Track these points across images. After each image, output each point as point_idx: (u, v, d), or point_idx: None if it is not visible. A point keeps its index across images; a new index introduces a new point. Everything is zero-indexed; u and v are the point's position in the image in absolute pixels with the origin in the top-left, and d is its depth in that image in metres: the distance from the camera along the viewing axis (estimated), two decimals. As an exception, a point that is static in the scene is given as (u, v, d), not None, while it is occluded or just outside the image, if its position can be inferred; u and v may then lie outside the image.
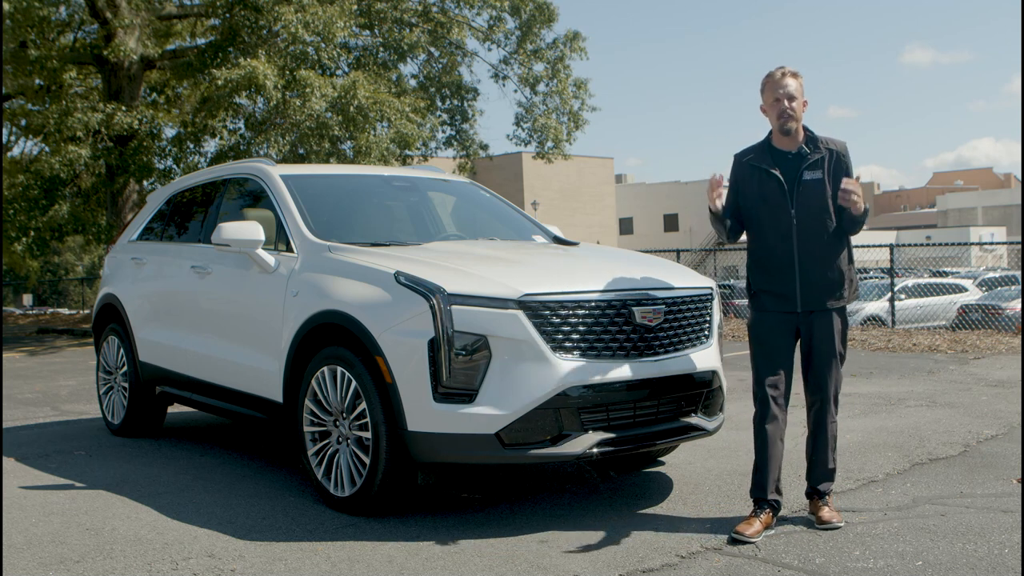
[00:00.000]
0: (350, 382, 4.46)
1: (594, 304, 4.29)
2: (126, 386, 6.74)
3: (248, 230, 5.17)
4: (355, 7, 16.60)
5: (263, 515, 4.56)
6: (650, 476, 5.25)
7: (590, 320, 4.27)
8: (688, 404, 4.60)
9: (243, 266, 5.41)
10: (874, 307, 16.99)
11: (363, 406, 4.38)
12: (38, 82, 18.88)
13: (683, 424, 4.57)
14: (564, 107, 20.05)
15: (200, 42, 19.51)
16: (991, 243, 26.90)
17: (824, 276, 4.20)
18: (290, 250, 5.16)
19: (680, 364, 4.50)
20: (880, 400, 7.73)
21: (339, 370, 4.53)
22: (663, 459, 5.58)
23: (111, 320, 7.07)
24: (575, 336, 4.23)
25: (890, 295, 15.58)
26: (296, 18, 15.10)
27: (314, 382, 4.67)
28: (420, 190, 6.22)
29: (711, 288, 4.91)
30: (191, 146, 17.64)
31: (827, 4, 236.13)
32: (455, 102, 20.53)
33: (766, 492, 4.17)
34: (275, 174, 5.68)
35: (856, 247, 4.46)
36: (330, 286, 4.71)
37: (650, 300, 4.43)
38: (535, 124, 19.89)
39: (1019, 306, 15.46)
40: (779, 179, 4.21)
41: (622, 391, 4.30)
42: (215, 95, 15.70)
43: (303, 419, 4.75)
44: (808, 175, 4.20)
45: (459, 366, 4.12)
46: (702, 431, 4.65)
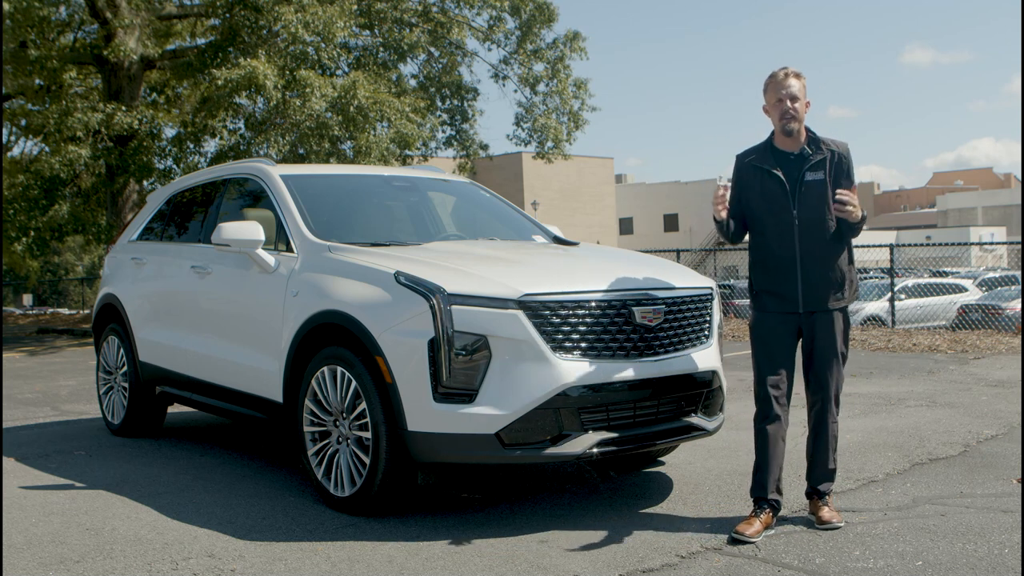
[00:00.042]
0: (350, 382, 4.46)
1: (594, 304, 4.30)
2: (126, 386, 6.74)
3: (248, 230, 5.17)
4: (355, 7, 16.60)
5: (263, 515, 4.56)
6: (650, 476, 5.25)
7: (590, 320, 4.27)
8: (688, 404, 4.60)
9: (243, 266, 5.41)
10: (874, 307, 17.00)
11: (363, 406, 4.39)
12: (38, 82, 18.88)
13: (683, 424, 4.57)
14: (564, 107, 20.05)
15: (200, 42, 19.51)
16: (991, 243, 26.91)
17: (826, 276, 4.20)
18: (290, 250, 5.16)
19: (680, 364, 4.50)
20: (880, 400, 7.73)
21: (339, 370, 4.53)
22: (663, 459, 5.58)
23: (111, 320, 7.07)
24: (575, 336, 4.24)
25: (890, 295, 15.58)
26: (296, 18, 15.10)
27: (314, 382, 4.67)
28: (420, 190, 6.22)
29: (711, 288, 4.91)
30: (191, 146, 17.65)
31: (827, 4, 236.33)
32: (455, 102, 20.54)
33: (766, 491, 4.17)
34: (275, 174, 5.68)
35: (856, 247, 4.46)
36: (330, 286, 4.71)
37: (650, 300, 4.43)
38: (535, 124, 19.90)
39: (1019, 306, 15.46)
40: (781, 180, 4.21)
41: (622, 391, 4.30)
42: (215, 95, 15.70)
43: (303, 419, 4.75)
44: (810, 176, 4.19)
45: (459, 366, 4.12)
46: (702, 431, 4.65)
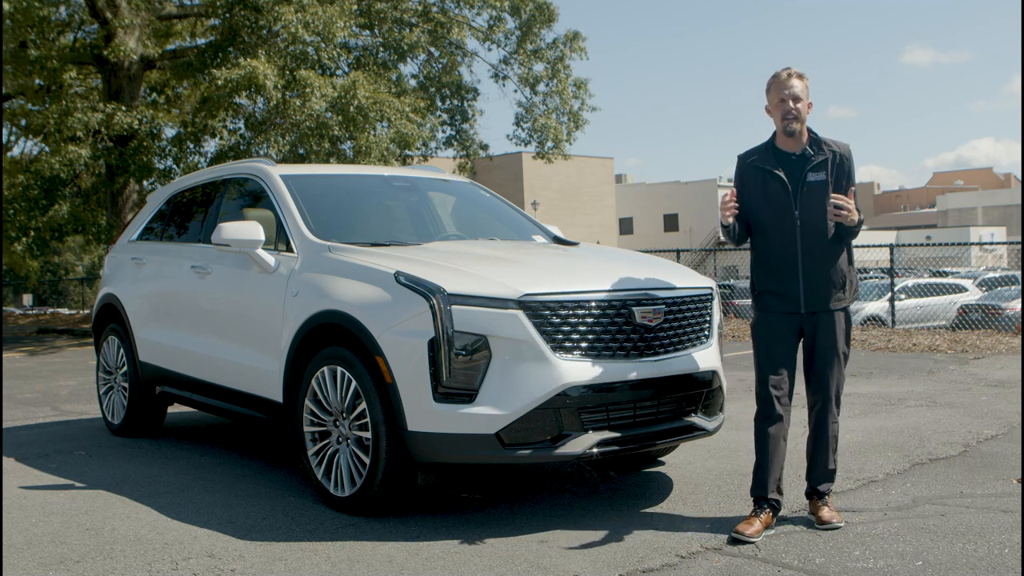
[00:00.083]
0: (350, 382, 4.46)
1: (594, 304, 4.30)
2: (126, 386, 6.74)
3: (248, 230, 5.17)
4: (355, 7, 16.60)
5: (263, 515, 4.56)
6: (650, 476, 5.25)
7: (590, 320, 4.27)
8: (688, 404, 4.60)
9: (243, 266, 5.41)
10: (874, 307, 17.00)
11: (363, 406, 4.38)
12: (38, 82, 18.88)
13: (683, 424, 4.57)
14: (564, 107, 20.05)
15: (200, 42, 19.51)
16: (991, 243, 26.92)
17: (827, 276, 4.21)
18: (290, 250, 5.16)
19: (680, 364, 4.50)
20: (880, 400, 7.73)
21: (339, 370, 4.53)
22: (663, 459, 5.58)
23: (111, 320, 7.07)
24: (575, 336, 4.23)
25: (890, 295, 15.58)
26: (296, 18, 15.10)
27: (314, 382, 4.67)
28: (420, 190, 6.22)
29: (711, 288, 4.91)
30: (191, 146, 17.65)
31: (827, 4, 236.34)
32: (455, 102, 20.54)
33: (767, 491, 4.17)
34: (275, 174, 5.68)
35: (856, 247, 4.47)
36: (330, 286, 4.71)
37: (650, 300, 4.43)
38: (535, 124, 19.90)
39: (1019, 306, 15.46)
40: (783, 180, 4.21)
41: (622, 391, 4.30)
42: (215, 95, 15.70)
43: (303, 419, 4.75)
44: (812, 176, 4.20)
45: (459, 366, 4.12)
46: (702, 431, 4.65)
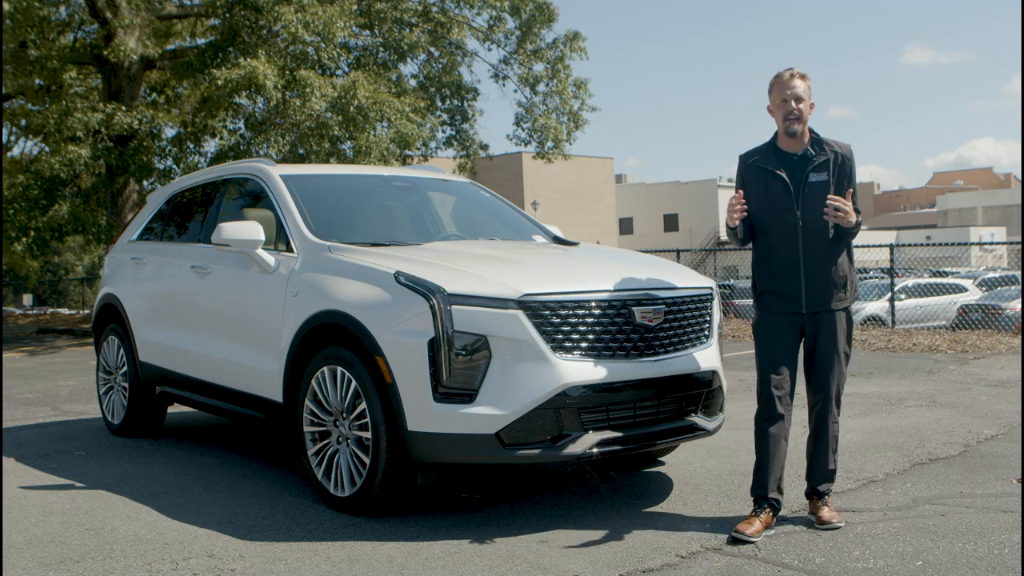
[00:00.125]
0: (350, 382, 4.46)
1: (594, 304, 4.30)
2: (126, 386, 6.74)
3: (248, 230, 5.17)
4: (355, 7, 16.60)
5: (263, 515, 4.56)
6: (650, 476, 5.25)
7: (590, 320, 4.27)
8: (688, 404, 4.60)
9: (243, 266, 5.41)
10: (874, 307, 16.99)
11: (363, 406, 4.38)
12: (38, 82, 18.88)
13: (683, 424, 4.57)
14: (564, 107, 20.05)
15: (200, 42, 19.51)
16: (991, 243, 26.90)
17: (828, 277, 4.21)
18: (290, 250, 5.16)
19: (680, 364, 4.50)
20: (880, 400, 7.72)
21: (339, 370, 4.53)
22: (663, 459, 5.58)
23: (111, 320, 7.07)
24: (575, 336, 4.24)
25: (890, 295, 15.58)
26: (296, 18, 15.10)
27: (314, 382, 4.67)
28: (420, 190, 6.22)
29: (711, 288, 4.91)
30: (191, 146, 17.65)
31: (827, 4, 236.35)
32: (455, 102, 20.54)
33: (767, 490, 4.17)
34: (275, 174, 5.68)
35: (856, 247, 4.47)
36: (330, 286, 4.71)
37: (650, 300, 4.43)
38: (535, 124, 19.89)
39: (1019, 306, 15.46)
40: (785, 180, 4.21)
41: (622, 391, 4.30)
42: (215, 95, 15.70)
43: (303, 419, 4.75)
44: (814, 177, 4.20)
45: (459, 366, 4.12)
46: (702, 431, 4.65)
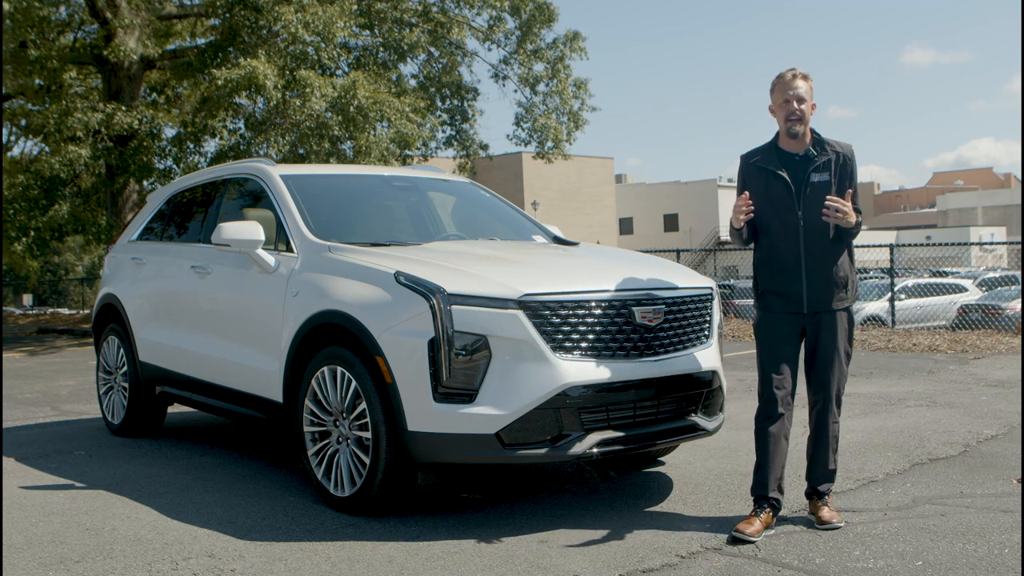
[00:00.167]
0: (350, 382, 4.46)
1: (594, 304, 4.30)
2: (126, 386, 6.74)
3: (248, 230, 5.17)
4: (355, 7, 16.60)
5: (263, 515, 4.56)
6: (650, 476, 5.25)
7: (590, 320, 4.27)
8: (688, 404, 4.60)
9: (243, 266, 5.41)
10: (874, 307, 16.99)
11: (363, 406, 4.38)
12: (38, 82, 18.88)
13: (683, 424, 4.57)
14: (564, 107, 20.05)
15: (200, 42, 19.51)
16: (991, 243, 26.90)
17: (830, 277, 4.21)
18: (290, 250, 5.16)
19: (680, 364, 4.50)
20: (880, 400, 7.72)
21: (339, 370, 4.53)
22: (663, 459, 5.58)
23: (111, 320, 7.07)
24: (575, 336, 4.23)
25: (890, 295, 15.58)
26: (296, 18, 15.10)
27: (314, 382, 4.67)
28: (420, 190, 6.22)
29: (711, 288, 4.91)
30: (191, 146, 17.65)
31: (827, 4, 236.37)
32: (455, 102, 20.53)
33: (767, 490, 4.16)
34: (275, 174, 5.68)
35: (856, 247, 4.47)
36: (330, 286, 4.71)
37: (650, 300, 4.43)
38: (535, 124, 19.89)
39: (1019, 306, 15.46)
40: (786, 181, 4.22)
41: (622, 391, 4.30)
42: (215, 95, 15.70)
43: (303, 419, 4.75)
44: (815, 177, 4.20)
45: (459, 366, 4.12)
46: (702, 431, 4.65)
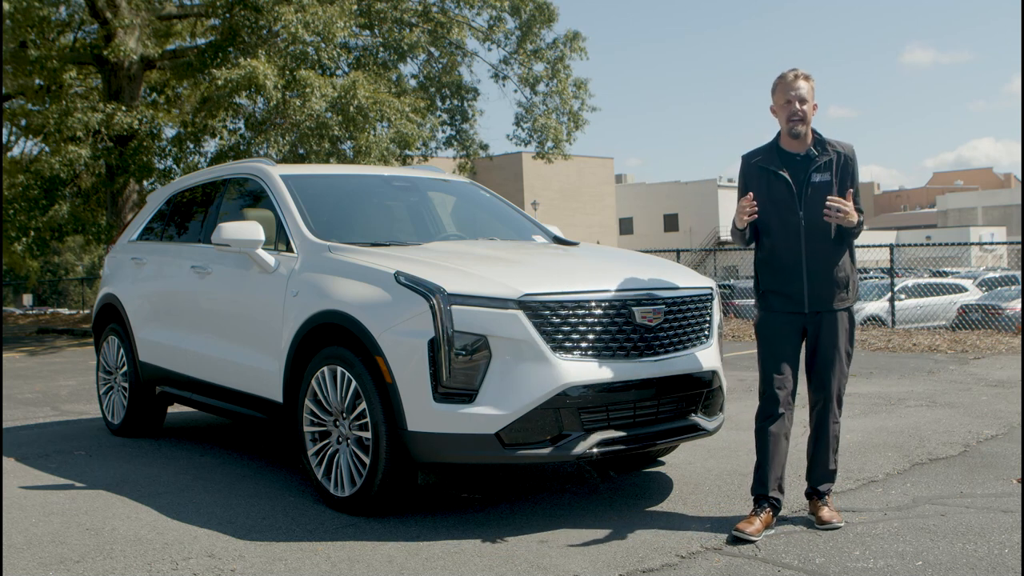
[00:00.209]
0: (350, 382, 4.46)
1: (594, 304, 4.30)
2: (126, 386, 6.74)
3: (248, 230, 5.17)
4: (355, 7, 16.60)
5: (263, 515, 4.56)
6: (650, 476, 5.25)
7: (590, 320, 4.27)
8: (688, 404, 4.60)
9: (243, 266, 5.41)
10: (874, 307, 16.99)
11: (363, 406, 4.38)
12: (38, 82, 18.88)
13: (683, 424, 4.57)
14: (564, 107, 20.05)
15: (200, 42, 19.51)
16: (991, 243, 26.91)
17: (831, 277, 4.22)
18: (290, 250, 5.16)
19: (680, 364, 4.50)
20: (880, 400, 7.72)
21: (339, 370, 4.53)
22: (663, 459, 5.58)
23: (111, 320, 7.07)
24: (575, 336, 4.23)
25: (890, 295, 15.58)
26: (296, 18, 15.10)
27: (314, 382, 4.67)
28: (420, 190, 6.22)
29: (711, 288, 4.91)
30: (191, 146, 17.65)
31: (827, 4, 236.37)
32: (455, 102, 20.54)
33: (767, 489, 4.16)
34: (275, 174, 5.68)
35: (856, 247, 4.47)
36: (330, 286, 4.71)
37: (650, 300, 4.43)
38: (535, 124, 19.89)
39: (1019, 306, 15.46)
40: (788, 181, 4.22)
41: (622, 391, 4.30)
42: (215, 95, 15.70)
43: (303, 419, 4.75)
44: (816, 177, 4.20)
45: (459, 366, 4.12)
46: (702, 431, 4.65)
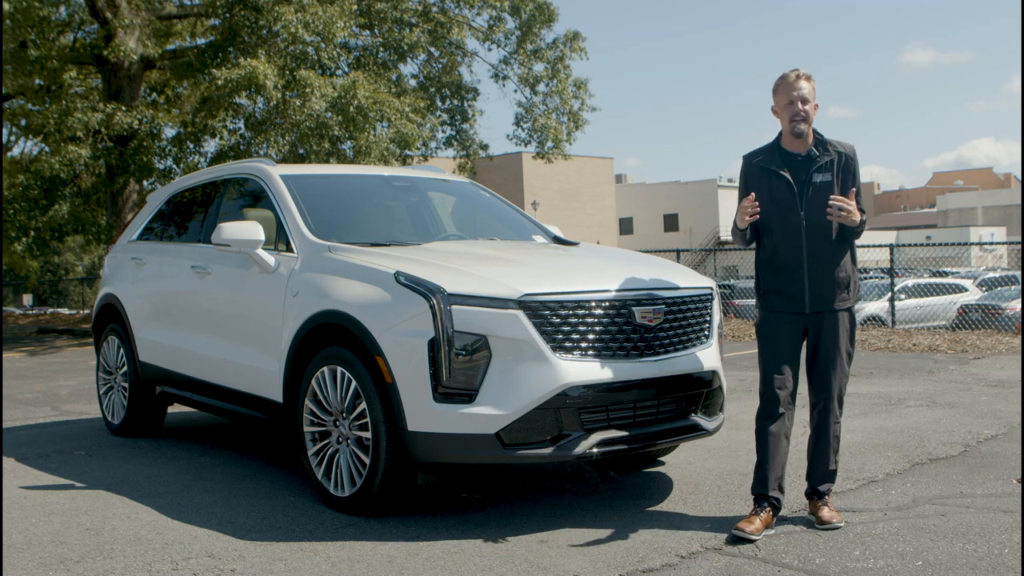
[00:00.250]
0: (350, 382, 4.46)
1: (594, 304, 4.30)
2: (126, 386, 6.74)
3: (248, 230, 5.17)
4: (355, 7, 16.60)
5: (263, 515, 4.56)
6: (650, 476, 5.25)
7: (590, 320, 4.27)
8: (688, 404, 4.60)
9: (243, 266, 5.41)
10: (874, 307, 16.99)
11: (363, 406, 4.38)
12: (38, 82, 18.88)
13: (683, 424, 4.57)
14: (564, 107, 20.06)
15: (200, 42, 19.52)
16: (991, 243, 26.90)
17: (832, 277, 4.22)
18: (290, 250, 5.16)
19: (680, 364, 4.50)
20: (880, 400, 7.72)
21: (339, 370, 4.53)
22: (663, 459, 5.58)
23: (111, 320, 7.07)
24: (575, 336, 4.23)
25: (890, 295, 15.58)
26: (296, 18, 15.10)
27: (314, 382, 4.67)
28: (420, 190, 6.22)
29: (711, 288, 4.91)
30: (191, 146, 17.65)
31: (827, 4, 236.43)
32: (455, 102, 20.54)
33: (767, 488, 4.16)
34: (275, 174, 5.68)
35: (856, 247, 4.48)
36: (330, 286, 4.71)
37: (650, 300, 4.43)
38: (535, 124, 19.90)
39: (1019, 306, 15.46)
40: (789, 181, 4.22)
41: (622, 391, 4.30)
42: (215, 95, 15.70)
43: (303, 419, 4.75)
44: (818, 177, 4.20)
45: (459, 366, 4.12)
46: (702, 431, 4.65)
